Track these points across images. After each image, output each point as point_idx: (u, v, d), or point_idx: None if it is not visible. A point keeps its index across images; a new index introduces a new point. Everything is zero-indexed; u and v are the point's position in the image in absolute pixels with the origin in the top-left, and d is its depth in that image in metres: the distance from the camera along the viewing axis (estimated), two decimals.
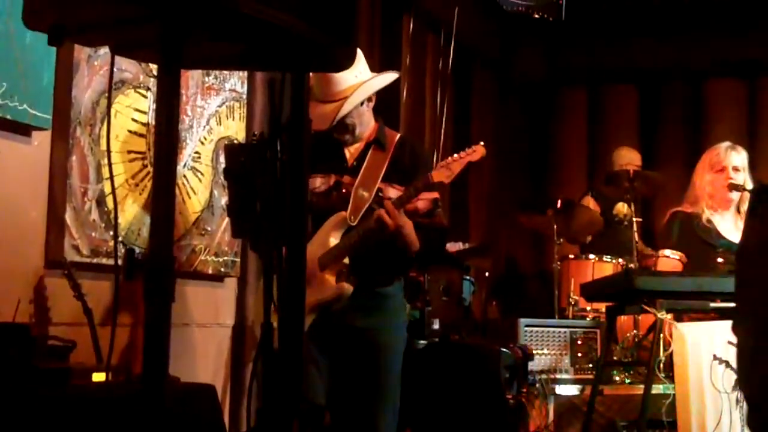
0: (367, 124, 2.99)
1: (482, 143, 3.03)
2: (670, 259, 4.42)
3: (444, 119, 5.93)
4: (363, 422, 2.88)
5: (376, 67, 5.41)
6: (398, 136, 3.07)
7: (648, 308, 3.16)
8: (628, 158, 5.71)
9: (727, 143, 4.65)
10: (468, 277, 4.42)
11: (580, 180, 7.38)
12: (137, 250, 1.80)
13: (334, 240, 2.87)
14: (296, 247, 1.69)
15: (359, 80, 2.87)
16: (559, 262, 5.07)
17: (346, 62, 1.54)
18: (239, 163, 2.83)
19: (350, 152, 2.99)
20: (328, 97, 2.86)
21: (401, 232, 2.84)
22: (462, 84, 6.61)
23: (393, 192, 2.95)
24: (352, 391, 2.89)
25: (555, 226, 5.09)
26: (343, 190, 2.92)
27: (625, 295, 3.36)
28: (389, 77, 2.98)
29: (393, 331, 2.98)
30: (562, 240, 5.21)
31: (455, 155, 2.99)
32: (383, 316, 2.93)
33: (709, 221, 4.49)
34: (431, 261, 3.98)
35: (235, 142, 3.56)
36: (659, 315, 3.13)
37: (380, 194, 2.93)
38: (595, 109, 7.67)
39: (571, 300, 4.89)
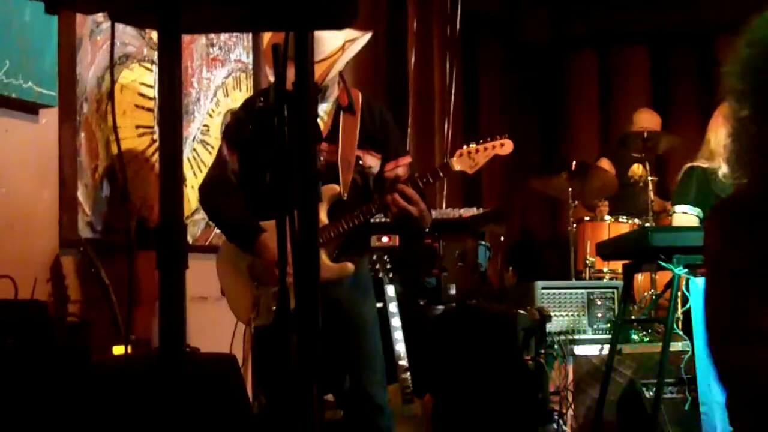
0: (334, 85, 2.87)
1: (507, 135, 2.92)
2: (687, 215, 4.39)
3: (453, 86, 5.90)
4: (354, 388, 2.87)
5: (382, 35, 5.37)
6: (361, 96, 2.94)
7: (664, 264, 3.13)
8: (650, 121, 5.65)
9: None
10: (483, 243, 4.41)
11: (592, 143, 7.34)
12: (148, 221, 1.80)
13: (323, 214, 2.78)
14: (308, 212, 1.68)
15: (339, 41, 2.75)
16: (574, 225, 5.05)
17: (349, 19, 1.51)
18: (246, 132, 2.82)
19: (322, 118, 2.85)
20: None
21: (423, 215, 2.79)
22: (469, 50, 6.57)
23: (371, 160, 2.87)
24: (340, 361, 2.88)
25: (570, 189, 5.06)
26: (321, 159, 2.80)
27: (641, 252, 3.33)
28: (367, 37, 2.83)
29: (368, 298, 2.98)
30: (577, 203, 5.19)
31: (479, 144, 2.86)
32: (358, 285, 2.92)
33: (725, 176, 4.45)
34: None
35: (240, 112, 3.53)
36: (676, 270, 3.10)
37: (360, 162, 2.85)
38: (605, 72, 7.61)
39: (587, 262, 4.87)
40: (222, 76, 3.65)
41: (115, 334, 2.77)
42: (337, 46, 2.75)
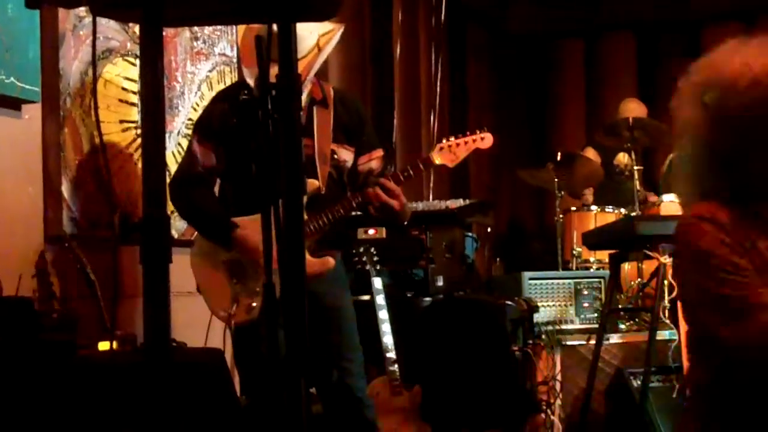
0: (308, 80, 2.82)
1: (486, 129, 2.96)
2: (676, 203, 4.41)
3: (439, 76, 5.89)
4: (335, 381, 2.87)
5: (367, 28, 5.36)
6: (332, 89, 2.93)
7: (651, 253, 3.14)
8: (636, 111, 5.66)
9: None
10: (470, 234, 4.41)
11: (579, 133, 7.35)
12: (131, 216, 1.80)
13: None
14: (294, 203, 1.67)
15: (314, 37, 2.73)
16: (561, 215, 5.06)
17: (333, 10, 1.51)
18: (231, 125, 2.80)
19: None
20: None
21: (405, 208, 2.80)
22: (456, 40, 6.56)
23: (345, 153, 2.88)
24: (322, 354, 2.87)
25: (555, 180, 5.07)
26: None
27: (628, 241, 3.35)
28: (340, 31, 2.80)
29: (346, 292, 2.98)
30: (563, 193, 5.20)
31: (460, 138, 2.90)
32: (336, 278, 2.92)
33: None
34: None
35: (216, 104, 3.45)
36: (662, 259, 3.11)
37: (335, 156, 2.85)
38: (592, 61, 7.62)
39: (574, 252, 4.89)
40: (206, 69, 3.63)
41: (101, 329, 2.76)
42: (313, 43, 2.74)
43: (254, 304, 2.77)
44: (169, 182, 2.90)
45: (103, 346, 2.43)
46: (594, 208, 5.08)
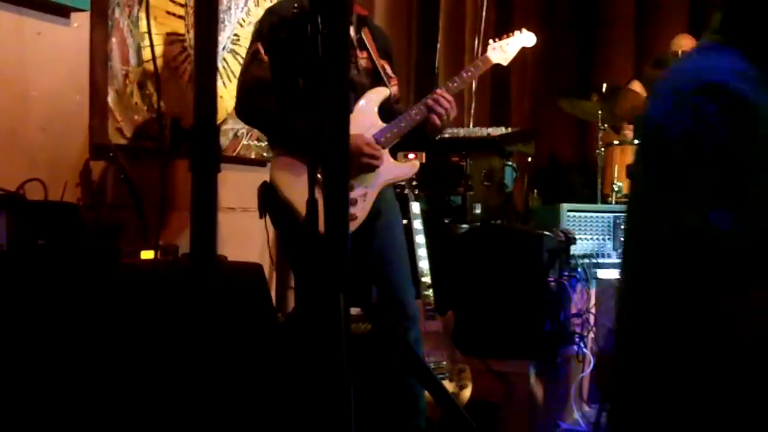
0: None
1: (523, 29, 3.14)
2: None
3: (485, 3, 5.77)
4: (390, 298, 2.90)
5: None
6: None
7: None
8: (689, 47, 5.51)
9: None
10: (510, 163, 4.38)
11: (627, 66, 7.20)
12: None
13: (377, 119, 2.82)
14: (339, 123, 1.66)
15: None
16: (603, 149, 4.99)
17: None
18: (280, 39, 2.76)
19: None
20: None
21: (451, 120, 2.89)
22: None
23: (389, 69, 2.92)
24: (371, 268, 2.90)
25: (599, 112, 4.98)
26: (362, 65, 2.84)
27: None
28: None
29: (396, 205, 3.01)
30: (606, 126, 5.11)
31: (504, 39, 3.06)
32: (392, 196, 2.98)
33: None
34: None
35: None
36: None
37: (386, 71, 2.89)
38: None
39: (614, 186, 4.83)
40: None
41: (143, 239, 2.79)
42: None
43: (354, 212, 2.72)
44: (241, 88, 2.77)
45: (146, 255, 2.46)
46: (637, 141, 4.99)
